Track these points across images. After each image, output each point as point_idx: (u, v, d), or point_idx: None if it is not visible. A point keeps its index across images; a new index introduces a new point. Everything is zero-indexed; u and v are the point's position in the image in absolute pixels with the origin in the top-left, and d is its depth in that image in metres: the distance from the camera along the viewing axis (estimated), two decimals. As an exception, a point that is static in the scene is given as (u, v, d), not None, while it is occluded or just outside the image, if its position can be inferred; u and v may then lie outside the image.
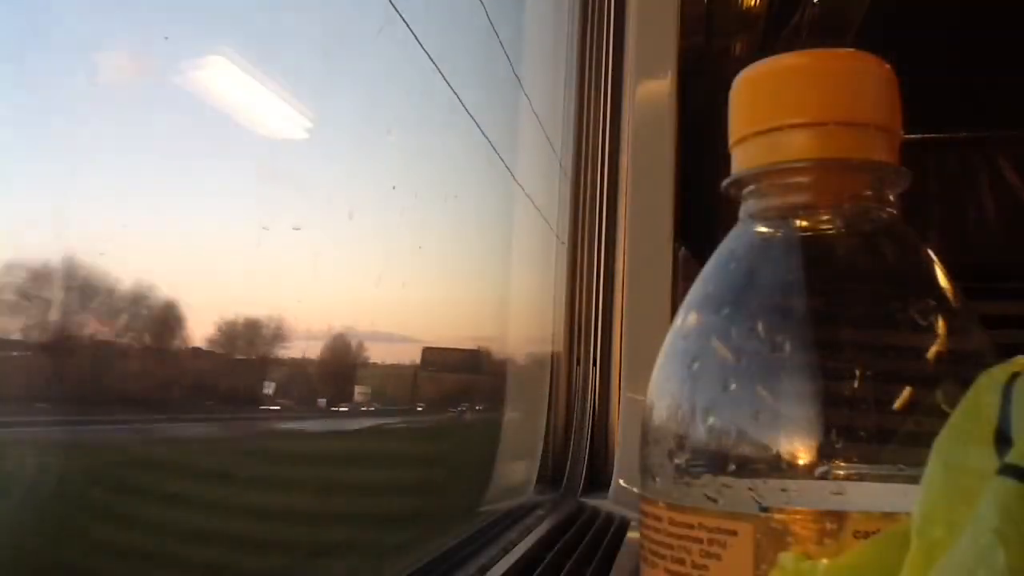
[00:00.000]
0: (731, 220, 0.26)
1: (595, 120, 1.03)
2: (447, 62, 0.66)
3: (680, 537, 0.22)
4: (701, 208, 0.89)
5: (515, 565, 0.56)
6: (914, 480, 0.20)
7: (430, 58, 0.62)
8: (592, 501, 0.85)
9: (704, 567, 0.21)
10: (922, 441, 0.21)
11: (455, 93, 0.68)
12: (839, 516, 0.20)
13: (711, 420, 0.23)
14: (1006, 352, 0.21)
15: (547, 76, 1.04)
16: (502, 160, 0.89)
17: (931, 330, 0.23)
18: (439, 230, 0.65)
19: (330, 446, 0.75)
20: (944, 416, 0.20)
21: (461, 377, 0.99)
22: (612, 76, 1.02)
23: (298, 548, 0.55)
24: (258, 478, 0.55)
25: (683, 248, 0.96)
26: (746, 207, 0.25)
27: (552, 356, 0.97)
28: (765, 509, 0.21)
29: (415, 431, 1.00)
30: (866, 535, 0.20)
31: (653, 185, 0.93)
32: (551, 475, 0.91)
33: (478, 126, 0.79)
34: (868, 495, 0.21)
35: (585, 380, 0.95)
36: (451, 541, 0.59)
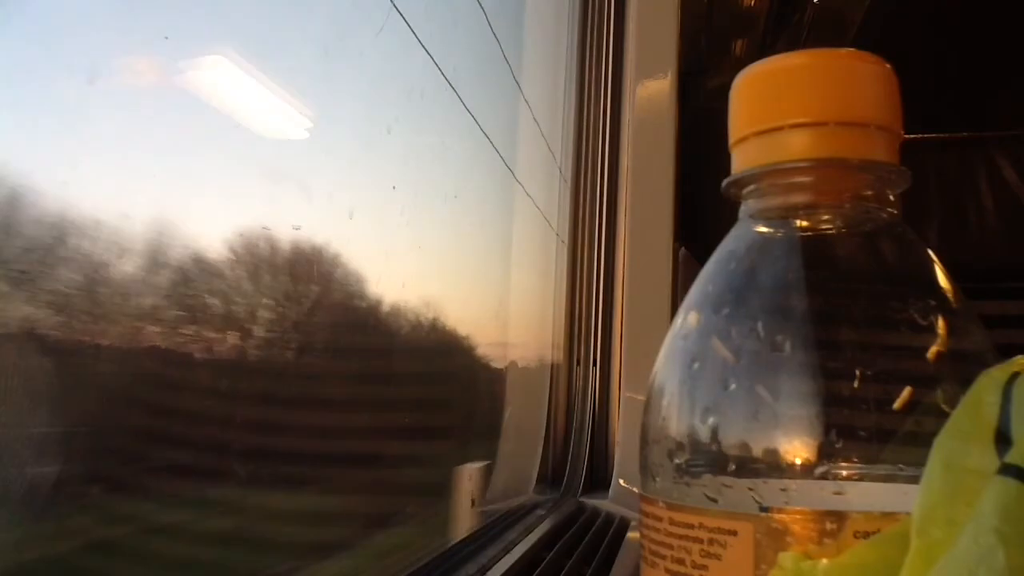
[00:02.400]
0: (731, 220, 0.26)
1: (595, 120, 1.03)
2: (447, 62, 0.66)
3: (680, 537, 0.22)
4: (701, 208, 0.89)
5: (515, 565, 0.56)
6: (914, 480, 0.20)
7: (431, 57, 0.62)
8: (592, 501, 0.85)
9: (704, 567, 0.21)
10: (922, 441, 0.21)
11: (455, 91, 0.68)
12: (839, 516, 0.20)
13: (711, 420, 0.23)
14: (1006, 352, 0.21)
15: (547, 76, 1.04)
16: (502, 159, 0.89)
17: (931, 330, 0.23)
18: (439, 230, 0.65)
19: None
20: (944, 416, 0.20)
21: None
22: (612, 76, 1.02)
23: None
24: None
25: (683, 248, 0.96)
26: (746, 207, 0.25)
27: (552, 356, 0.97)
28: (765, 509, 0.21)
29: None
30: (866, 535, 0.20)
31: (653, 185, 0.93)
32: (551, 475, 0.91)
33: (479, 125, 0.79)
34: (868, 495, 0.21)
35: (585, 380, 0.95)
36: (451, 541, 0.59)
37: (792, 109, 0.24)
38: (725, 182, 0.25)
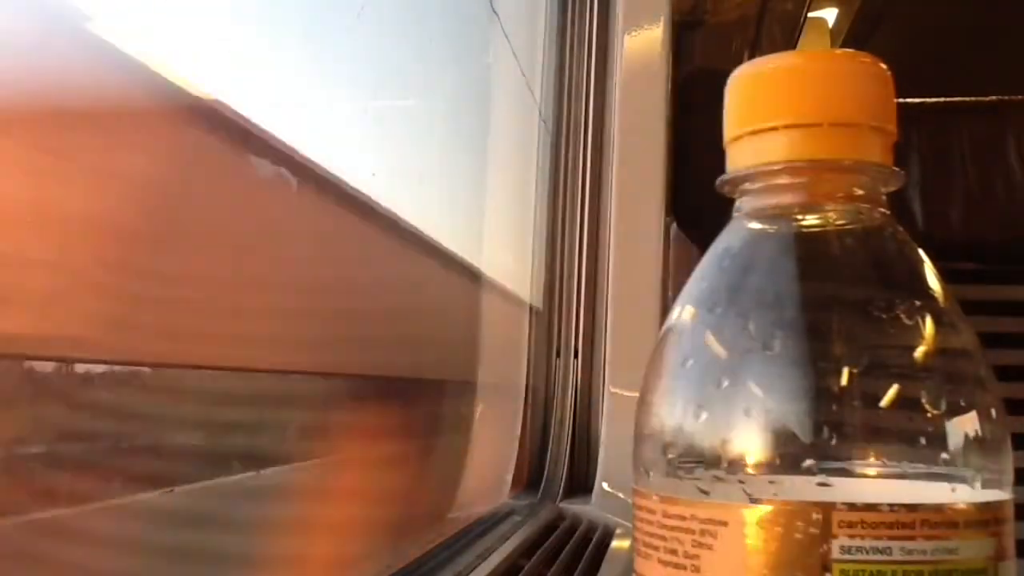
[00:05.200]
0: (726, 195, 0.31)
1: (579, 78, 1.04)
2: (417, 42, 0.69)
3: (673, 528, 0.27)
4: (696, 178, 0.92)
5: (492, 574, 0.60)
6: (897, 475, 0.26)
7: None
8: (573, 507, 0.88)
9: (696, 556, 0.26)
10: (907, 437, 0.26)
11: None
12: (824, 507, 0.25)
13: (704, 417, 0.27)
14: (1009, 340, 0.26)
15: (527, 32, 1.05)
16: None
17: (919, 329, 0.28)
18: (409, 213, 0.69)
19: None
20: (929, 413, 0.26)
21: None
22: (598, 27, 1.04)
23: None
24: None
25: (674, 223, 0.98)
26: (741, 205, 0.30)
27: (529, 346, 0.99)
28: (755, 501, 0.26)
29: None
30: (850, 525, 0.25)
31: (643, 151, 0.94)
32: (528, 478, 0.94)
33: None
34: (853, 488, 0.26)
35: (566, 373, 0.97)
36: (422, 549, 0.63)
37: (786, 109, 0.29)
38: (719, 180, 0.30)
